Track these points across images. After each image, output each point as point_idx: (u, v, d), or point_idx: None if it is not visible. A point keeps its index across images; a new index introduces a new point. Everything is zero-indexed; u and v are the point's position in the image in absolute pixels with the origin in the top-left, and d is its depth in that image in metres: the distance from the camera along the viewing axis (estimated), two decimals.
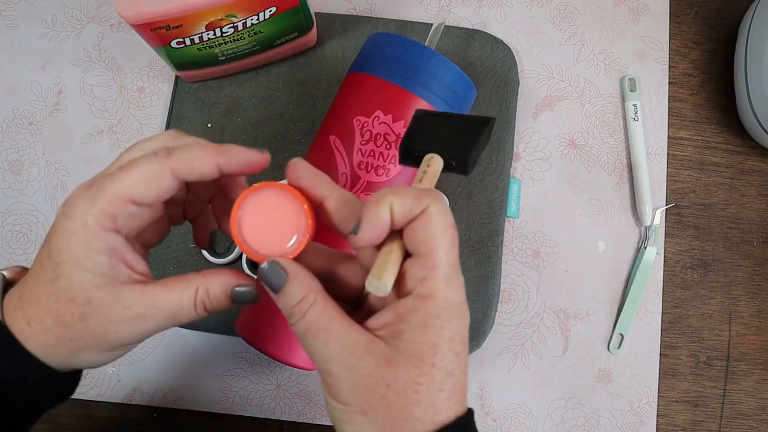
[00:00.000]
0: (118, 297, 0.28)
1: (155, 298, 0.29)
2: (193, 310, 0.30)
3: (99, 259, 0.28)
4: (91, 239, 0.28)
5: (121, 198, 0.28)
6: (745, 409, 0.55)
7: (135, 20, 0.44)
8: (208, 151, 0.29)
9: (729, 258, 0.57)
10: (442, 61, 0.44)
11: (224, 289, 0.30)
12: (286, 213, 0.29)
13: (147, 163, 0.28)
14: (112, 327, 0.29)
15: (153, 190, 0.28)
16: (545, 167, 0.58)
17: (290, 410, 0.53)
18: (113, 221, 0.28)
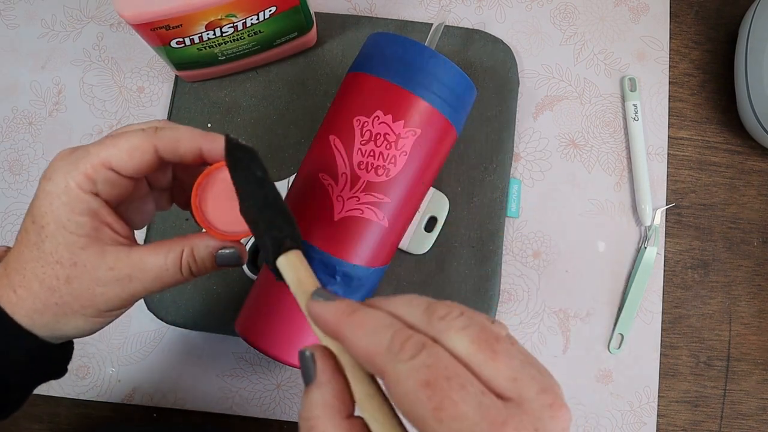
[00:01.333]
0: (103, 258, 0.29)
1: (141, 259, 0.29)
2: (179, 272, 0.30)
3: (81, 220, 0.29)
4: (73, 201, 0.28)
5: (102, 163, 0.29)
6: (746, 409, 0.55)
7: (135, 20, 0.44)
8: (194, 134, 0.30)
9: (729, 258, 0.57)
10: (442, 61, 0.44)
11: (210, 251, 0.31)
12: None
13: (134, 136, 0.29)
14: (98, 289, 0.29)
15: (134, 161, 0.29)
16: (545, 167, 0.58)
17: (290, 410, 0.53)
18: (93, 185, 0.29)
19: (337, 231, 0.43)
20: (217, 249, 0.31)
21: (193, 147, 0.30)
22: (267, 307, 0.45)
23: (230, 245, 0.31)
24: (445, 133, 0.45)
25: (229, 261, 0.31)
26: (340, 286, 0.44)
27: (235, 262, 0.31)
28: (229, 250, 0.31)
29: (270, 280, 0.45)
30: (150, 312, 0.53)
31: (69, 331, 0.30)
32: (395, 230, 0.46)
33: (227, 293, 0.53)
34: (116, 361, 0.54)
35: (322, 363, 0.23)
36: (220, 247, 0.31)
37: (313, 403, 0.22)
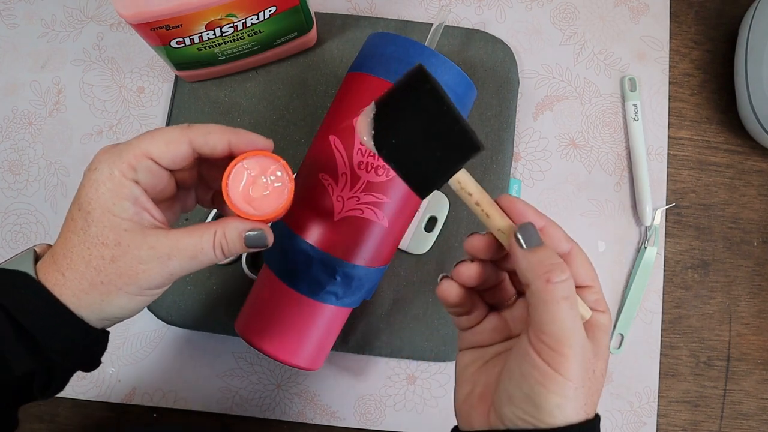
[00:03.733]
0: (144, 238, 0.32)
1: (179, 239, 0.33)
2: (212, 252, 0.33)
3: (125, 204, 0.32)
4: (117, 187, 0.32)
5: (143, 154, 0.32)
6: (746, 409, 0.55)
7: (135, 20, 0.44)
8: (223, 129, 0.34)
9: (729, 258, 0.57)
10: (442, 61, 0.44)
11: (239, 232, 0.34)
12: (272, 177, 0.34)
13: (170, 130, 0.33)
14: (140, 266, 0.32)
15: (171, 152, 0.32)
16: (545, 167, 0.58)
17: (290, 410, 0.53)
18: (135, 173, 0.32)
19: (337, 231, 0.43)
20: (246, 231, 0.34)
21: (222, 139, 0.33)
22: (267, 307, 0.45)
23: (258, 227, 0.34)
24: None
25: (257, 242, 0.34)
26: (340, 285, 0.44)
27: (262, 243, 0.34)
28: (256, 231, 0.34)
29: (270, 280, 0.45)
30: (150, 312, 0.53)
31: (113, 311, 0.33)
32: (395, 230, 0.46)
33: (227, 293, 0.53)
34: (116, 361, 0.54)
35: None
36: (249, 228, 0.34)
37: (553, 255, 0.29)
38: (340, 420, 0.53)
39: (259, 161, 0.34)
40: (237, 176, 0.34)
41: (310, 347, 0.45)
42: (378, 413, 0.54)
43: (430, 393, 0.54)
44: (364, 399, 0.54)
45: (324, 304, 0.44)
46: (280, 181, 0.34)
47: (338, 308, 0.46)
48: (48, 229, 0.56)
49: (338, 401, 0.54)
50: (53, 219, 0.56)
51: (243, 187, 0.34)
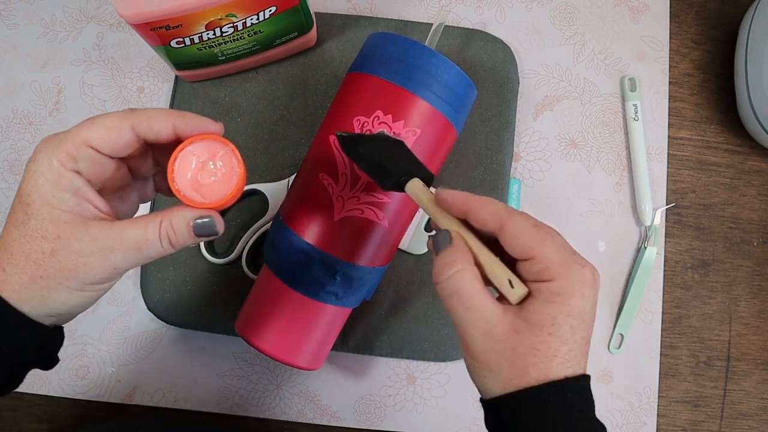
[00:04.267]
0: (85, 230, 0.31)
1: (122, 230, 0.31)
2: (158, 242, 0.32)
3: (64, 196, 0.30)
4: (57, 178, 0.30)
5: (83, 142, 0.31)
6: (746, 409, 0.55)
7: (135, 20, 0.44)
8: (167, 112, 0.32)
9: (729, 258, 0.57)
10: (442, 61, 0.44)
11: (186, 220, 0.32)
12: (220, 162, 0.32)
13: (111, 115, 0.32)
14: (81, 260, 0.30)
15: (112, 138, 0.31)
16: (545, 167, 0.58)
17: (290, 410, 0.53)
18: (75, 163, 0.31)
19: (337, 231, 0.43)
20: (194, 219, 0.32)
21: (166, 123, 0.32)
22: (267, 307, 0.45)
23: (206, 214, 0.32)
24: (445, 133, 0.45)
25: (206, 230, 0.33)
26: (340, 285, 0.44)
27: (211, 231, 0.33)
28: (205, 219, 0.32)
29: (270, 280, 0.45)
30: (150, 312, 0.53)
31: (55, 306, 0.32)
32: (395, 230, 0.46)
33: (227, 293, 0.53)
34: (116, 361, 0.54)
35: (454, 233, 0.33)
36: (197, 216, 0.32)
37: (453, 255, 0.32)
38: (340, 420, 0.53)
39: (208, 145, 0.32)
40: (184, 162, 0.32)
41: (310, 347, 0.45)
42: (378, 413, 0.54)
43: (430, 393, 0.54)
44: (364, 399, 0.54)
45: (324, 304, 0.44)
46: (229, 166, 0.32)
47: (338, 308, 0.46)
48: None
49: (338, 401, 0.54)
50: None
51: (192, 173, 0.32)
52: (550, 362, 0.30)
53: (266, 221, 0.53)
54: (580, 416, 0.30)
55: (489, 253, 0.32)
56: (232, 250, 0.53)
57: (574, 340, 0.30)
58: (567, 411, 0.30)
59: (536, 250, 0.31)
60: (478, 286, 0.31)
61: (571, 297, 0.30)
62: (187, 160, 0.32)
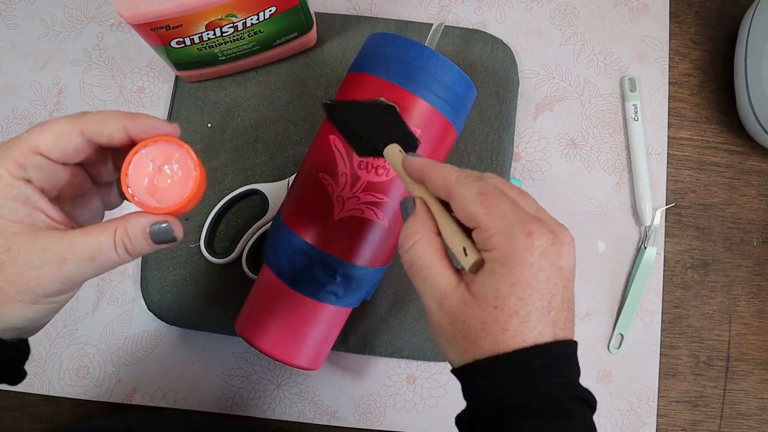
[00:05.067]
0: (36, 241, 0.29)
1: (74, 240, 0.30)
2: (113, 251, 0.30)
3: (13, 205, 0.29)
4: (5, 188, 0.29)
5: (30, 149, 0.29)
6: (746, 409, 0.55)
7: (135, 20, 0.44)
8: (118, 115, 0.31)
9: (729, 258, 0.57)
10: (442, 61, 0.44)
11: (142, 227, 0.31)
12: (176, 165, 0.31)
13: (60, 120, 0.30)
14: (32, 272, 0.29)
15: (61, 144, 0.30)
16: (545, 167, 0.58)
17: (290, 410, 0.53)
18: (23, 171, 0.29)
19: (337, 231, 0.43)
20: (150, 224, 0.31)
21: (117, 126, 0.30)
22: (267, 307, 0.45)
23: (162, 219, 0.31)
24: (445, 133, 0.45)
25: (163, 236, 0.31)
26: (340, 285, 0.44)
27: (169, 237, 0.31)
28: (162, 225, 0.31)
29: (270, 280, 0.45)
30: (150, 312, 0.53)
31: (10, 321, 0.30)
32: (395, 230, 0.46)
33: (227, 293, 0.53)
34: (116, 361, 0.54)
35: (417, 202, 0.33)
36: (153, 222, 0.31)
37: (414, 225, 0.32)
38: (340, 420, 0.53)
39: (163, 148, 0.31)
40: (139, 166, 0.31)
41: (310, 347, 0.45)
42: (378, 413, 0.54)
43: (430, 393, 0.54)
44: (364, 399, 0.54)
45: (324, 304, 0.44)
46: (186, 168, 0.31)
47: (338, 308, 0.46)
48: None
49: (338, 401, 0.54)
50: None
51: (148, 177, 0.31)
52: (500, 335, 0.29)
53: (266, 221, 0.53)
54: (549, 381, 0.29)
55: (450, 221, 0.32)
56: (232, 250, 0.53)
57: (526, 311, 0.29)
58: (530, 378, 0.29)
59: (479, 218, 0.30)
60: (435, 256, 0.31)
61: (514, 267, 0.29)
62: (143, 164, 0.31)
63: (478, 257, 0.30)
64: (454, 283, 0.31)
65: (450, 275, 0.31)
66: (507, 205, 0.30)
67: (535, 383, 0.29)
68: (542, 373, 0.29)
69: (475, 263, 0.30)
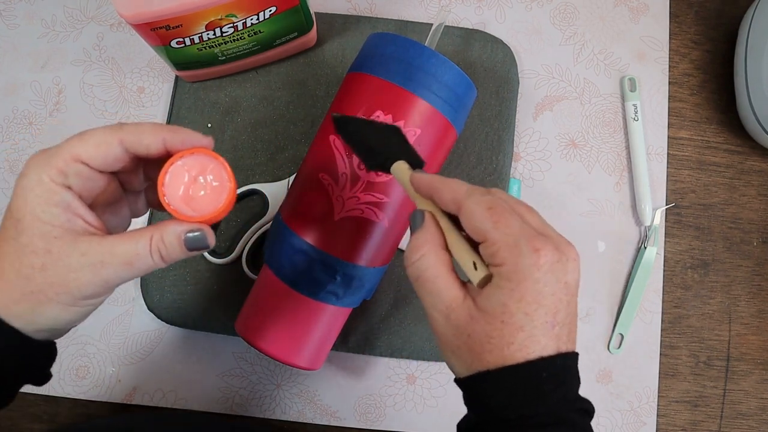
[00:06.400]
0: (76, 245, 0.30)
1: (113, 245, 0.31)
2: (149, 257, 0.32)
3: (54, 211, 0.30)
4: (46, 193, 0.30)
5: (72, 157, 0.31)
6: (746, 409, 0.55)
7: (135, 20, 0.44)
8: (157, 127, 0.32)
9: (729, 258, 0.57)
10: (442, 61, 0.44)
11: (177, 235, 0.32)
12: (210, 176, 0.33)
13: (101, 130, 0.32)
14: (71, 274, 0.30)
15: (101, 154, 0.31)
16: (545, 167, 0.58)
17: (290, 410, 0.53)
18: (65, 178, 0.31)
19: (337, 231, 0.43)
20: (185, 233, 0.32)
21: (156, 138, 0.32)
22: (267, 307, 0.45)
23: (197, 227, 0.32)
24: (445, 133, 0.45)
25: (197, 244, 0.33)
26: (340, 285, 0.44)
27: (203, 245, 0.33)
28: (195, 233, 0.32)
29: (270, 280, 0.45)
30: (150, 312, 0.53)
31: (46, 322, 0.31)
32: (395, 230, 0.46)
33: (227, 293, 0.53)
34: (116, 361, 0.54)
35: (427, 215, 0.33)
36: (187, 230, 0.32)
37: (422, 238, 0.32)
38: (340, 420, 0.53)
39: (198, 160, 0.32)
40: (175, 176, 0.32)
41: (310, 347, 0.45)
42: (378, 413, 0.54)
43: (430, 393, 0.54)
44: (364, 399, 0.54)
45: (324, 304, 0.44)
46: (219, 180, 0.32)
47: (338, 308, 0.46)
48: None
49: (338, 401, 0.54)
50: None
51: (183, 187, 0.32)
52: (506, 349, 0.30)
53: (266, 221, 0.53)
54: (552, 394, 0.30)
55: (458, 236, 0.32)
56: (232, 250, 0.53)
57: (532, 326, 0.30)
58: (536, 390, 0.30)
59: (488, 232, 0.30)
60: (442, 270, 0.32)
61: (520, 282, 0.29)
62: (178, 174, 0.32)
63: (487, 272, 0.31)
64: (460, 297, 0.31)
65: (456, 290, 0.32)
66: (515, 220, 0.30)
67: (540, 395, 0.30)
68: (547, 385, 0.30)
69: (484, 278, 0.31)
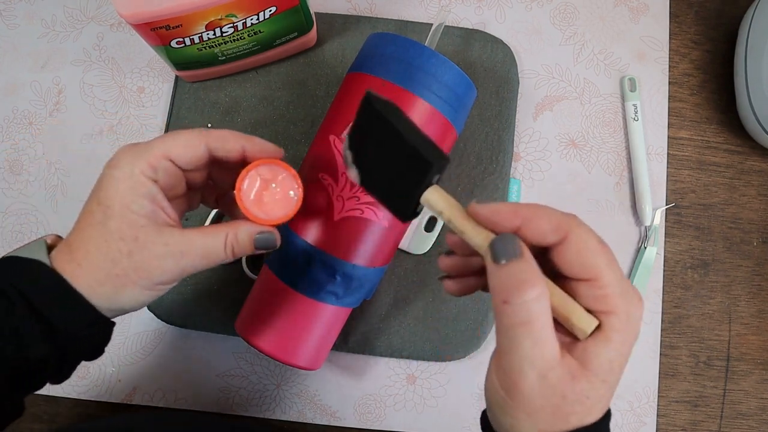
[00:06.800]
0: (160, 235, 0.33)
1: (192, 238, 0.34)
2: (222, 252, 0.35)
3: (143, 202, 0.33)
4: (137, 185, 0.33)
5: (163, 154, 0.34)
6: (746, 409, 0.55)
7: (135, 20, 0.44)
8: (238, 135, 0.36)
9: (729, 258, 0.57)
10: (442, 61, 0.44)
11: (249, 234, 0.36)
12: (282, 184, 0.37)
13: (189, 132, 0.35)
14: (155, 262, 0.33)
15: (189, 154, 0.34)
16: (545, 167, 0.58)
17: (290, 410, 0.53)
18: (154, 173, 0.34)
19: (337, 231, 0.43)
20: (256, 233, 0.36)
21: (237, 145, 0.36)
22: (267, 307, 0.45)
23: (267, 230, 0.36)
24: (445, 133, 0.45)
25: (266, 244, 0.36)
26: (340, 286, 0.44)
27: (271, 245, 0.37)
28: (266, 234, 0.36)
29: (270, 280, 0.45)
30: (150, 312, 0.53)
31: (124, 302, 0.34)
32: (395, 230, 0.46)
33: (227, 293, 0.53)
34: (116, 361, 0.54)
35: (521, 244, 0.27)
36: (259, 231, 0.36)
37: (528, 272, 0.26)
38: (340, 420, 0.53)
39: (272, 168, 0.36)
40: (251, 181, 0.36)
41: (310, 347, 0.45)
42: (378, 413, 0.54)
43: (430, 393, 0.54)
44: (364, 399, 0.54)
45: (324, 304, 0.44)
46: (291, 188, 0.37)
47: (338, 308, 0.46)
48: (48, 229, 0.56)
49: (338, 401, 0.54)
50: (53, 219, 0.56)
51: (255, 192, 0.36)
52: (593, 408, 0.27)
53: None
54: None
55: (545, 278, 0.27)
56: None
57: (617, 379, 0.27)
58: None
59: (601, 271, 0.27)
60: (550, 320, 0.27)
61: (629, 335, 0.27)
62: (254, 180, 0.36)
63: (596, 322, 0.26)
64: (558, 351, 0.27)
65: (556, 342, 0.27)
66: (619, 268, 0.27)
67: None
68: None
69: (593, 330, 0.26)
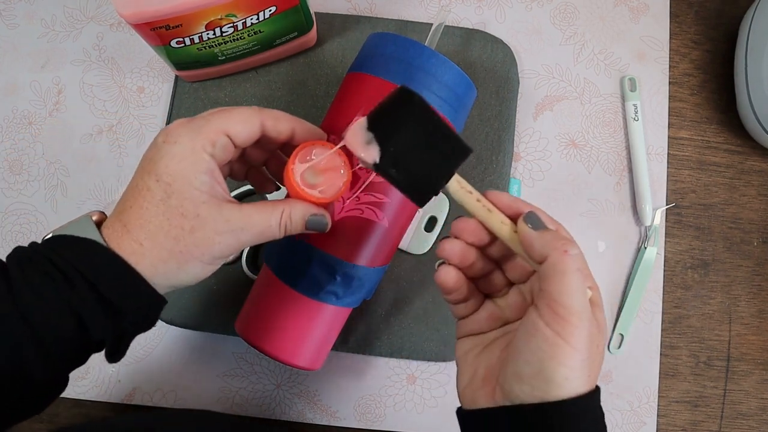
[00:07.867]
0: (221, 211, 0.33)
1: (251, 215, 0.34)
2: (277, 229, 0.35)
3: (204, 178, 0.33)
4: (198, 161, 0.33)
5: (221, 130, 0.34)
6: (746, 409, 0.55)
7: (135, 19, 0.44)
8: (289, 117, 0.37)
9: (729, 258, 0.57)
10: (442, 61, 0.44)
11: (303, 214, 0.36)
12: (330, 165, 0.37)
13: (245, 109, 0.35)
14: (216, 237, 0.33)
15: (246, 130, 0.34)
16: (545, 167, 0.58)
17: (290, 410, 0.53)
18: (213, 148, 0.33)
19: (337, 231, 0.43)
20: (309, 214, 0.36)
21: (288, 126, 0.36)
22: (267, 307, 0.45)
23: (320, 212, 0.37)
24: None
25: (317, 225, 0.37)
26: (340, 286, 0.44)
27: (322, 227, 0.37)
28: (318, 216, 0.37)
29: (270, 280, 0.45)
30: None
31: (186, 278, 0.34)
32: (395, 230, 0.46)
33: (227, 293, 0.53)
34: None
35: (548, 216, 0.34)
36: (313, 213, 0.36)
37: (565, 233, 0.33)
38: (340, 420, 0.53)
39: (320, 151, 0.37)
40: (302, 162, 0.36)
41: (310, 347, 0.45)
42: (378, 413, 0.54)
43: (430, 393, 0.54)
44: (364, 399, 0.54)
45: (324, 304, 0.44)
46: (339, 168, 0.37)
47: (338, 308, 0.45)
48: (48, 229, 0.56)
49: (338, 401, 0.54)
50: (53, 219, 0.56)
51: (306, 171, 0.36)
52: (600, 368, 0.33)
53: None
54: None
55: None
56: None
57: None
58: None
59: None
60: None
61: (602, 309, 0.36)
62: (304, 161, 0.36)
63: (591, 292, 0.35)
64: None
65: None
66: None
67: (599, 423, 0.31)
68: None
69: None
